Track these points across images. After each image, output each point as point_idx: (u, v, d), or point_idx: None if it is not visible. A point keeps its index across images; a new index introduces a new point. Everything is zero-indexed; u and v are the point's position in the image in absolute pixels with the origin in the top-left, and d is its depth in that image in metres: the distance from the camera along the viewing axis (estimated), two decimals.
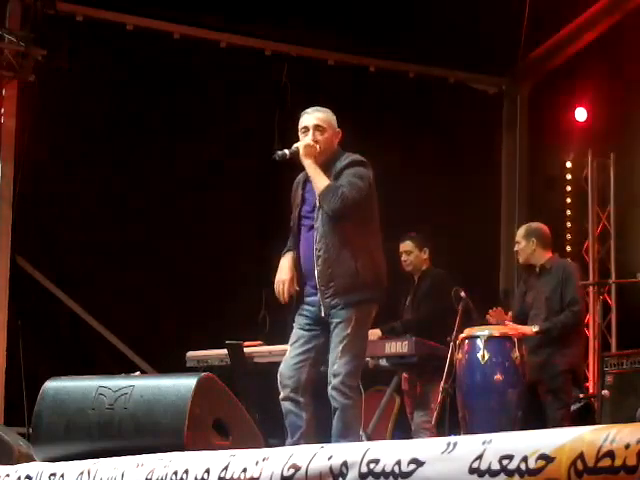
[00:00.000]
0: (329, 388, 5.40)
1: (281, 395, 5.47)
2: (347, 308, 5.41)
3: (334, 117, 5.65)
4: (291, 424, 5.46)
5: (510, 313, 7.37)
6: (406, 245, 7.78)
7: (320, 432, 5.51)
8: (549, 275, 7.26)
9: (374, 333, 7.16)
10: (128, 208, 9.19)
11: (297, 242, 5.61)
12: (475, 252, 9.71)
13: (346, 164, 5.50)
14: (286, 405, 5.47)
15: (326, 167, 5.51)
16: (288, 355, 5.56)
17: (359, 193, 5.43)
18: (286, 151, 5.55)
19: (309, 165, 5.49)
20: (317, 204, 5.50)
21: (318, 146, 5.52)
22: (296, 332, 5.56)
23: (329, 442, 5.26)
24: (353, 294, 5.42)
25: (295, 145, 5.54)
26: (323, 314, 5.47)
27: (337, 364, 5.37)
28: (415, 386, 7.52)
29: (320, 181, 5.45)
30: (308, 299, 5.55)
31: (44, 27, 8.59)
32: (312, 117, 5.58)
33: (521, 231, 7.45)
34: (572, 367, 7.14)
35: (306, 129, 5.56)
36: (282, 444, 5.54)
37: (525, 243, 7.34)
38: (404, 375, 7.53)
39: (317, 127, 5.55)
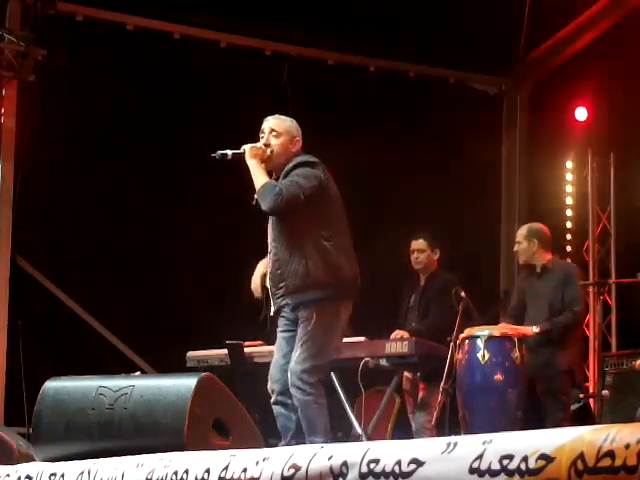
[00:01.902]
0: (290, 385, 5.42)
1: (272, 399, 5.50)
2: (304, 308, 5.43)
3: (295, 125, 5.67)
4: (282, 426, 5.49)
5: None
6: (419, 244, 7.74)
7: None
8: (550, 276, 7.26)
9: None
10: (128, 208, 9.19)
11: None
12: (475, 252, 9.70)
13: (293, 165, 5.52)
14: (276, 409, 5.50)
15: (281, 171, 5.54)
16: (274, 359, 5.60)
17: (299, 190, 5.41)
18: (228, 151, 5.61)
19: (252, 166, 5.53)
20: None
21: (270, 149, 5.56)
22: (278, 336, 5.62)
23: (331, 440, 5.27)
24: (304, 294, 5.44)
25: (243, 147, 5.57)
26: (272, 314, 5.55)
27: (294, 361, 5.40)
28: (417, 386, 7.52)
29: (259, 180, 5.49)
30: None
31: (44, 27, 8.59)
32: (269, 122, 5.65)
33: (522, 231, 7.42)
34: (571, 367, 7.13)
35: (263, 133, 5.64)
36: None
37: (527, 244, 7.32)
38: (406, 375, 7.52)
39: (272, 131, 5.61)
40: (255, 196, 5.52)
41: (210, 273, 9.29)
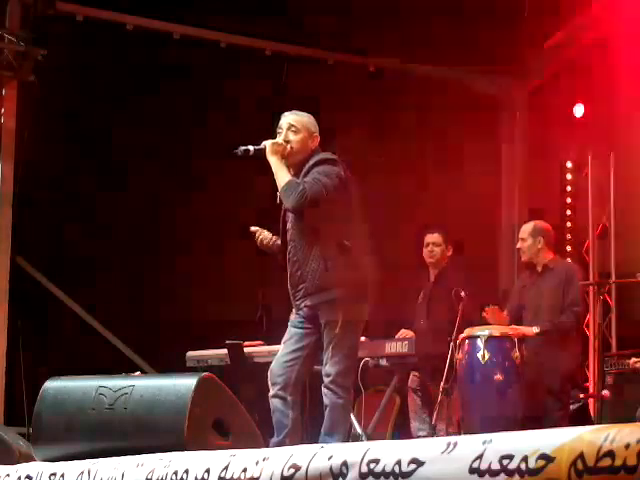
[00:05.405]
0: (322, 386, 5.44)
1: (270, 392, 5.49)
2: (328, 309, 5.42)
3: (312, 121, 5.64)
4: (277, 422, 5.47)
5: (506, 311, 7.36)
6: (436, 237, 7.77)
7: (315, 430, 5.54)
8: (551, 275, 7.26)
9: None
10: (128, 208, 9.19)
11: (285, 247, 5.65)
12: (475, 252, 9.70)
13: (313, 163, 5.50)
14: (274, 402, 5.49)
15: (300, 168, 5.52)
16: (280, 353, 5.58)
17: (322, 188, 5.40)
18: (250, 147, 5.56)
19: (274, 162, 5.49)
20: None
21: (289, 146, 5.54)
22: (289, 330, 5.60)
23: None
24: (323, 294, 5.43)
25: (263, 142, 5.55)
26: (294, 317, 5.54)
27: (328, 364, 5.41)
28: (424, 384, 7.47)
29: (282, 178, 5.46)
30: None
31: (44, 27, 8.59)
32: (287, 118, 5.62)
33: (528, 228, 7.40)
34: (571, 368, 7.14)
35: (280, 129, 5.61)
36: None
37: (532, 241, 7.31)
38: (413, 374, 7.50)
39: (290, 127, 5.57)
40: (278, 193, 5.50)
41: (210, 273, 9.29)
